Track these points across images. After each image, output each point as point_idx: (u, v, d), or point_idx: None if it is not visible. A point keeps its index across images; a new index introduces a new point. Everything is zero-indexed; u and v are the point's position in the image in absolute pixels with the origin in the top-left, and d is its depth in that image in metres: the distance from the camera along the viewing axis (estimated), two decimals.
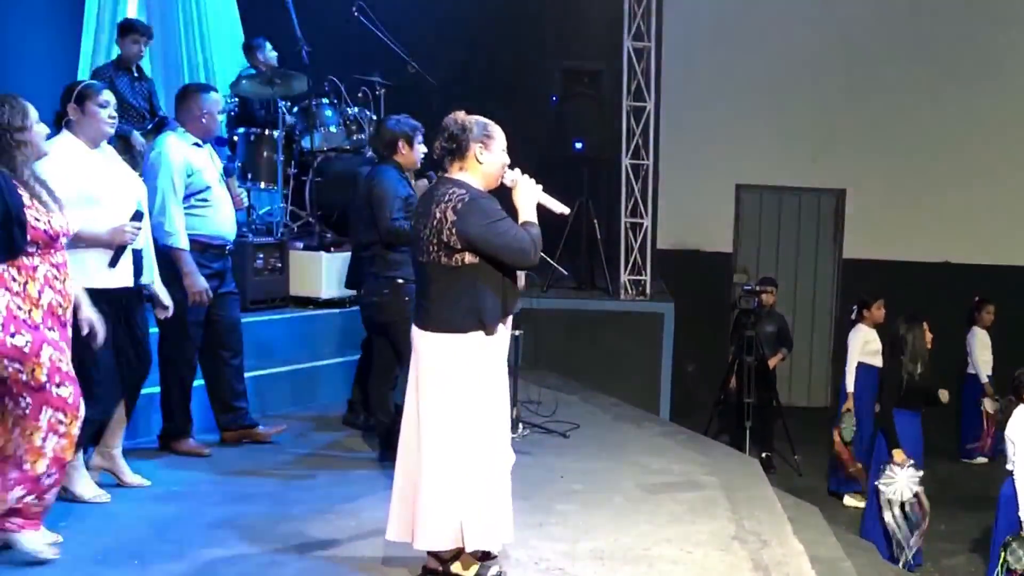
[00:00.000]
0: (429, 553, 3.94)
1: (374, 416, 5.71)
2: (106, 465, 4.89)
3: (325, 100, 8.10)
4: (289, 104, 8.08)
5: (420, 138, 5.51)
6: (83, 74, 7.91)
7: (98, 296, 4.33)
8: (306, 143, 7.87)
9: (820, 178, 11.53)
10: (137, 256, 4.69)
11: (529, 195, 3.92)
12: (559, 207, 4.04)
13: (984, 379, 9.74)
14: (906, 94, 11.28)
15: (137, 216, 4.51)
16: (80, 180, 4.41)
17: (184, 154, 5.27)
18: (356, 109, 8.22)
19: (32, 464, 3.81)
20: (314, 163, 7.87)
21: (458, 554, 3.89)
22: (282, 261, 7.35)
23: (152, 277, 4.86)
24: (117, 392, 4.73)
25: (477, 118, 3.91)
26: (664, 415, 8.66)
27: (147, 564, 4.02)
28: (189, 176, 5.25)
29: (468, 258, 3.75)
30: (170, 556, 4.11)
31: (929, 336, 7.18)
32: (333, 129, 8.06)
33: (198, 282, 5.22)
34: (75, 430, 3.91)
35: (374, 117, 8.27)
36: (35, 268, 3.82)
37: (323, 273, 7.43)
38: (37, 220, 3.80)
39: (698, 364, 10.58)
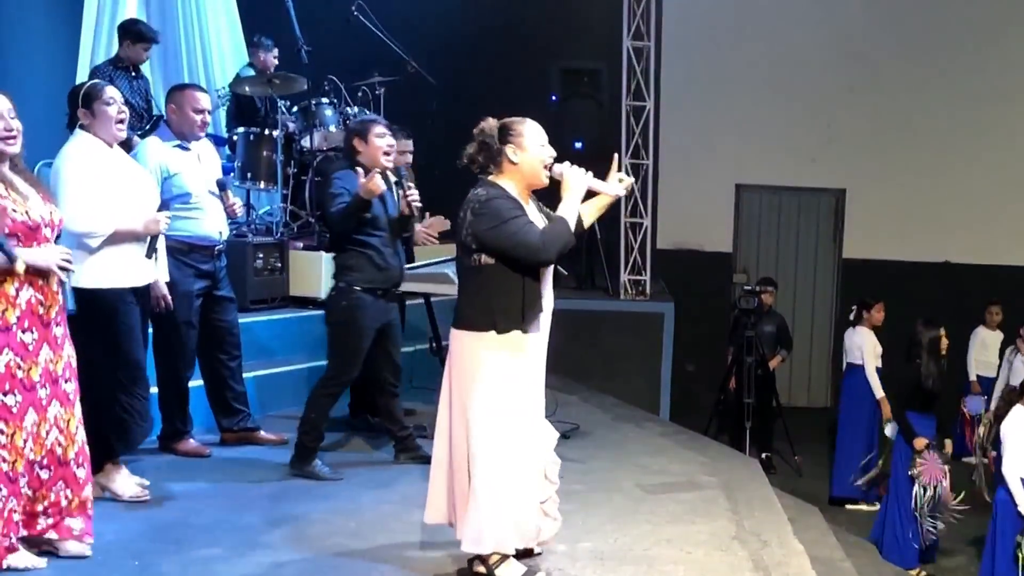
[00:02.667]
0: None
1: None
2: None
3: (325, 100, 8.09)
4: (289, 104, 8.08)
5: (379, 130, 5.33)
6: (82, 74, 7.89)
7: (135, 294, 4.56)
8: (306, 143, 7.87)
9: (820, 178, 11.54)
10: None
11: (575, 186, 3.87)
12: (614, 189, 4.01)
13: (972, 377, 9.77)
14: (906, 94, 11.29)
15: (164, 206, 4.70)
16: (107, 178, 4.48)
17: (160, 157, 5.19)
18: (356, 109, 8.21)
19: None
20: (314, 163, 7.87)
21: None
22: (282, 261, 7.34)
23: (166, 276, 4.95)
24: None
25: (502, 121, 3.93)
26: (664, 415, 8.65)
27: (147, 564, 4.02)
28: (166, 179, 5.17)
29: (484, 259, 3.81)
30: (170, 556, 4.11)
31: (945, 342, 7.21)
32: (333, 129, 8.05)
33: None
34: (19, 441, 3.66)
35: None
36: None
37: (323, 273, 7.40)
38: (14, 211, 3.66)
39: (698, 364, 10.58)
